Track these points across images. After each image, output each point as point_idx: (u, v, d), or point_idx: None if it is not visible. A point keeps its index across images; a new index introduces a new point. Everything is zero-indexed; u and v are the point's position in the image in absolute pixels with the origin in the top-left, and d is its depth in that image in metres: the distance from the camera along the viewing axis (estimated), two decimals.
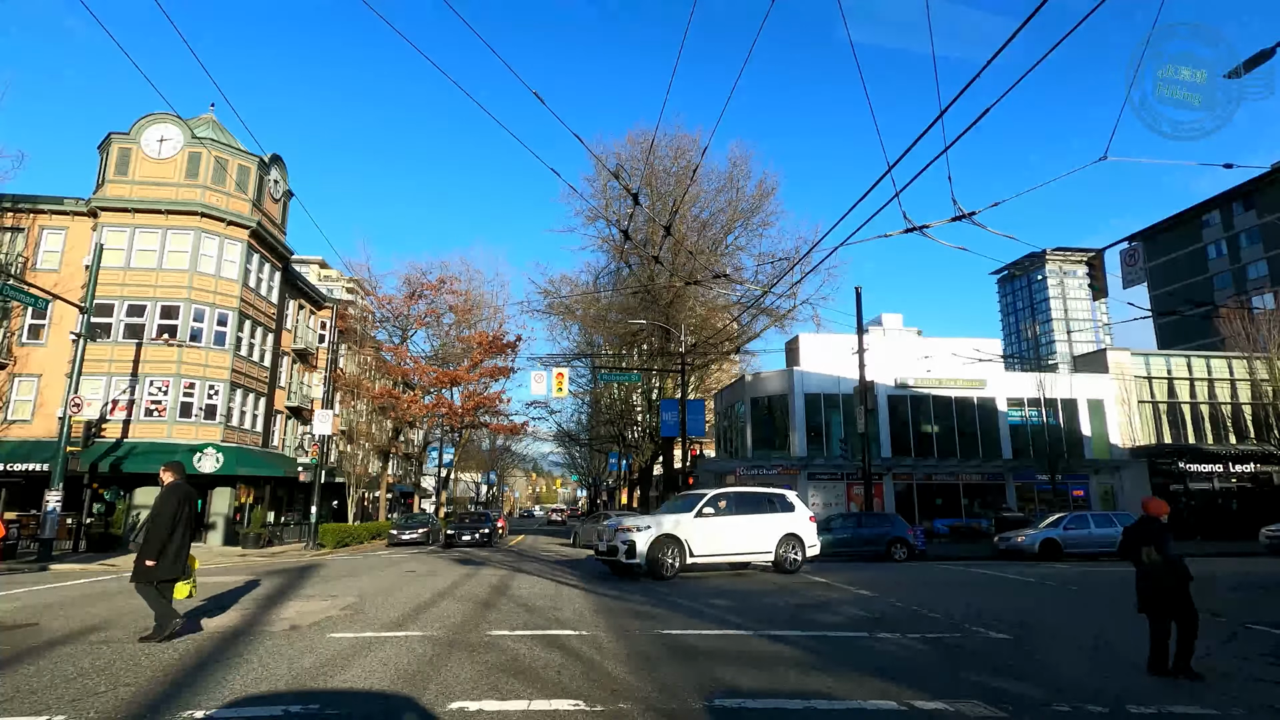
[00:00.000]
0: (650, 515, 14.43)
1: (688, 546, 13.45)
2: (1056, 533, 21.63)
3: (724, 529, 14.12)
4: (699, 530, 13.71)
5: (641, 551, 12.97)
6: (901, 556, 20.52)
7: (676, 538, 13.35)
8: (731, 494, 15.06)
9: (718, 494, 14.75)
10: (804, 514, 15.52)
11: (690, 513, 13.92)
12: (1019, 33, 6.10)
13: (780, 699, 4.96)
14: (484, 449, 61.97)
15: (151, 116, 27.42)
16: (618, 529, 13.57)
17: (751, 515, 14.65)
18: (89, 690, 5.05)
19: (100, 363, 24.79)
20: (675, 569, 13.23)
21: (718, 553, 13.96)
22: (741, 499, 15.02)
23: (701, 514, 13.94)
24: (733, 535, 14.22)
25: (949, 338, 32.68)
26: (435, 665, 5.89)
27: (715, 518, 14.05)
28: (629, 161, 33.21)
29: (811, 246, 28.18)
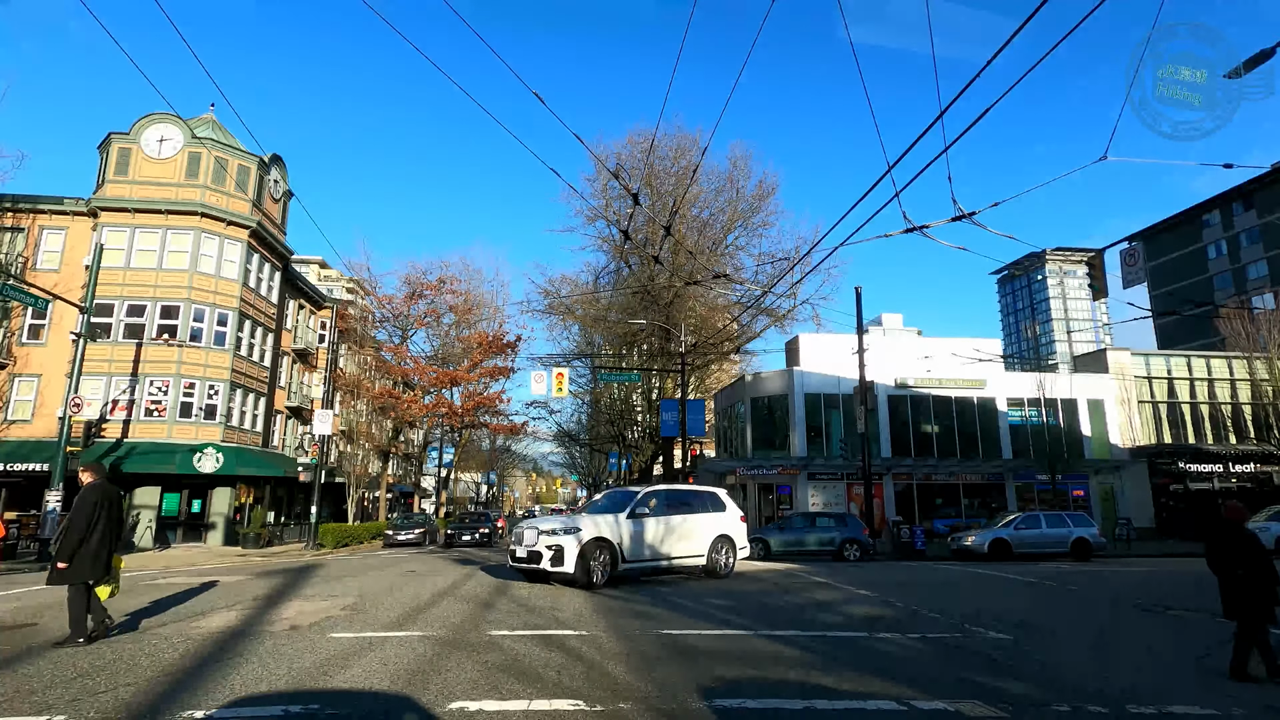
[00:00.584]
0: (575, 515, 12.82)
1: (620, 550, 12.02)
2: (1007, 533, 21.69)
3: (658, 531, 12.87)
4: (632, 532, 12.36)
5: (572, 558, 11.37)
6: (854, 556, 20.75)
7: (609, 541, 11.88)
8: (663, 492, 13.81)
9: (650, 492, 13.47)
10: (735, 513, 14.60)
11: (623, 512, 12.48)
12: (1019, 33, 6.10)
13: (780, 699, 4.96)
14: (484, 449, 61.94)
15: (151, 116, 27.42)
16: (542, 531, 11.81)
17: (685, 515, 13.49)
18: (89, 690, 5.05)
19: (100, 363, 24.79)
20: (605, 577, 11.78)
21: (650, 557, 12.66)
22: (674, 497, 13.83)
23: (635, 514, 12.55)
24: (666, 537, 13.01)
25: (949, 338, 32.67)
26: (435, 665, 5.89)
27: (649, 518, 12.74)
28: (629, 161, 33.20)
29: (811, 246, 28.20)
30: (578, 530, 11.62)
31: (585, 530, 11.66)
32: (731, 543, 14.12)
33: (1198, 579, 14.61)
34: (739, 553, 14.34)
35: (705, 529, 13.67)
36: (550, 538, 11.64)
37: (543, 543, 11.65)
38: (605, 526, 11.98)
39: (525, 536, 12.02)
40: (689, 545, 13.31)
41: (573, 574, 11.32)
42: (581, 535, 11.58)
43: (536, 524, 12.10)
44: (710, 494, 14.58)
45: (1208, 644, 7.34)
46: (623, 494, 13.77)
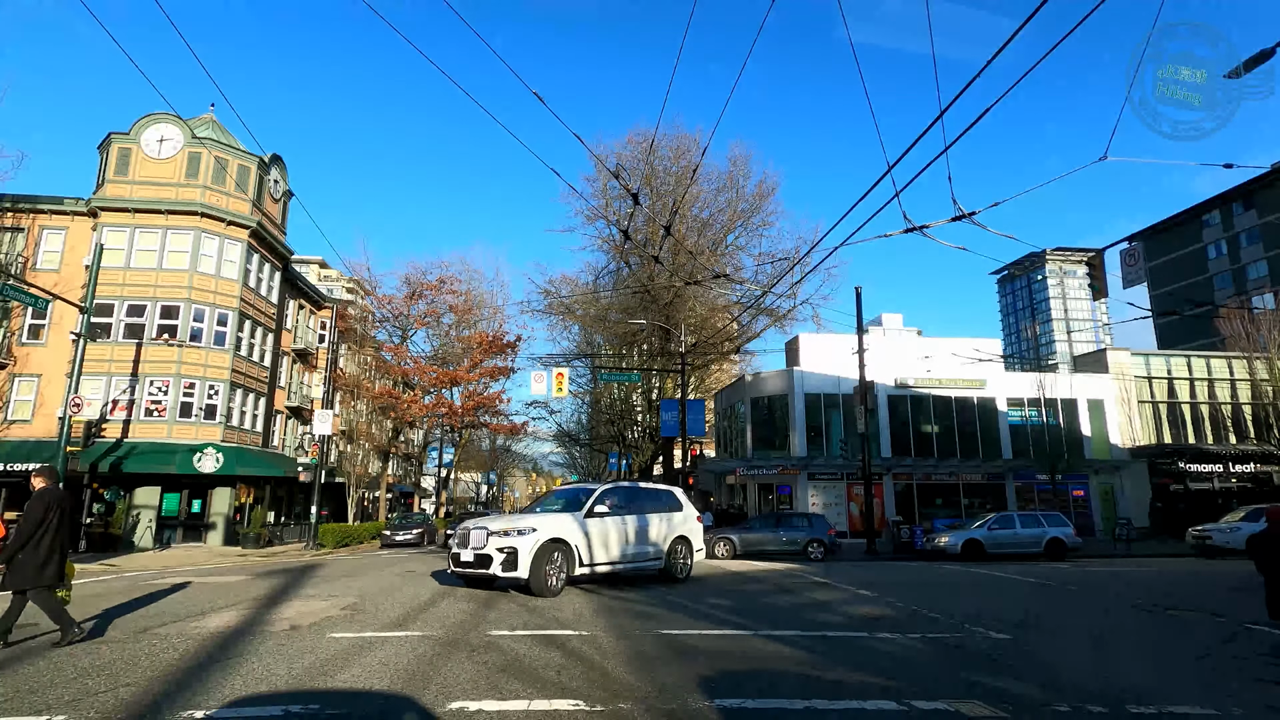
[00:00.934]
0: (525, 514, 11.76)
1: (577, 553, 10.94)
2: (980, 533, 21.63)
3: (617, 531, 11.91)
4: (590, 532, 11.33)
5: (526, 561, 10.20)
6: (817, 556, 20.86)
7: (566, 543, 10.80)
8: (622, 489, 12.93)
9: (607, 489, 12.52)
10: (692, 513, 13.91)
11: (580, 511, 11.46)
12: (1019, 33, 6.10)
13: (780, 699, 4.96)
14: (484, 449, 61.94)
15: (151, 116, 27.43)
16: (491, 532, 10.62)
17: (644, 515, 12.62)
18: (89, 690, 5.05)
19: (100, 363, 24.80)
20: (562, 583, 10.68)
21: (609, 559, 11.66)
22: (633, 495, 12.95)
23: (594, 513, 11.54)
24: (625, 538, 12.08)
25: (949, 338, 32.69)
26: (435, 665, 5.89)
27: (609, 517, 11.76)
28: (629, 161, 33.18)
29: (811, 246, 28.20)
30: (533, 530, 10.49)
31: (541, 530, 10.55)
32: (689, 544, 13.42)
33: (1197, 581, 14.61)
34: (696, 554, 13.67)
35: (664, 529, 12.91)
36: (502, 539, 10.44)
37: (493, 544, 10.44)
38: (562, 526, 10.93)
39: (472, 537, 10.79)
40: (648, 546, 12.50)
41: (527, 579, 10.16)
42: (538, 536, 10.44)
43: (485, 523, 10.90)
44: (668, 492, 13.83)
45: (1207, 644, 7.34)
46: (577, 491, 12.88)
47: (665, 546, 12.77)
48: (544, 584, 10.29)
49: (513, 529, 10.56)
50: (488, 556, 10.47)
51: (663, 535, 12.80)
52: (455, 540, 11.15)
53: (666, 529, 12.93)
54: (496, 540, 10.52)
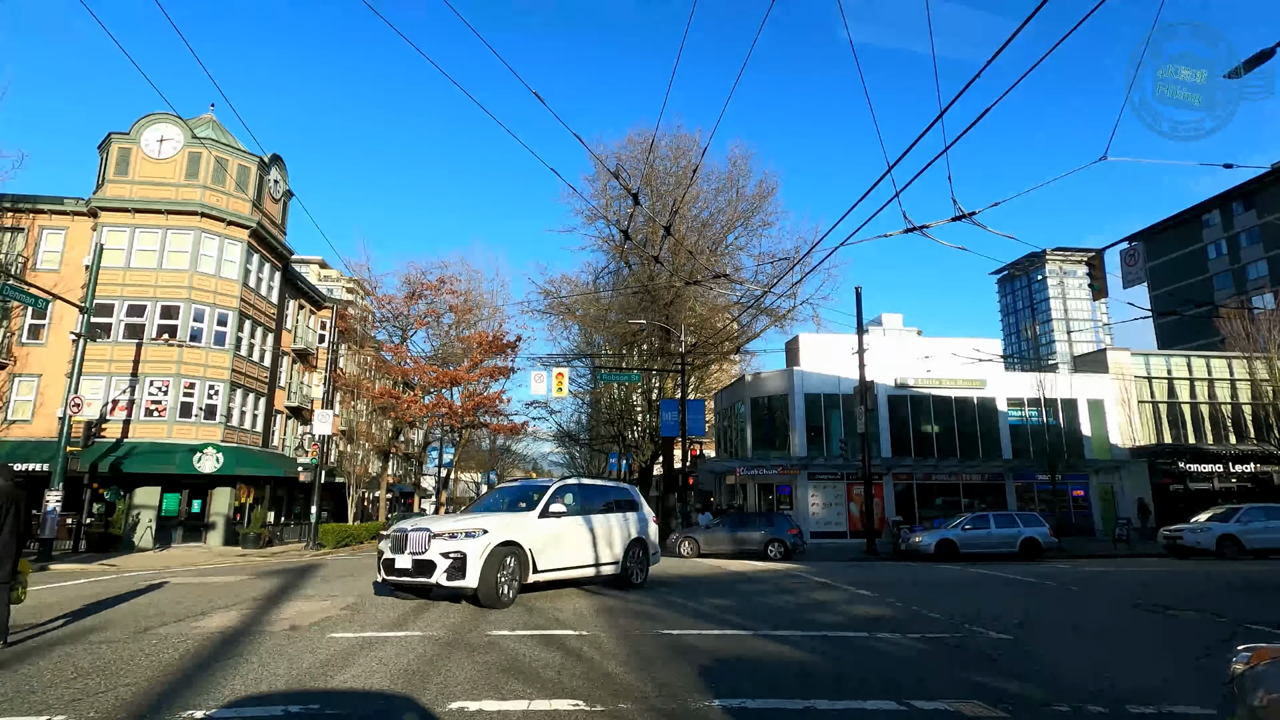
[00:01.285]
0: (472, 514, 10.70)
1: (531, 558, 9.84)
2: (954, 533, 21.71)
3: (574, 533, 10.85)
4: (545, 535, 10.25)
5: (476, 568, 9.03)
6: (776, 555, 20.85)
7: (519, 547, 9.70)
8: (577, 487, 11.88)
9: (563, 486, 11.54)
10: (649, 513, 12.89)
11: (533, 511, 10.39)
12: (1019, 33, 6.10)
13: (780, 699, 4.96)
14: (484, 449, 61.90)
15: (151, 116, 27.43)
16: (434, 534, 9.32)
17: (600, 515, 11.60)
18: (89, 690, 5.05)
19: (100, 363, 24.80)
20: (514, 592, 9.57)
21: (565, 565, 10.59)
22: (589, 494, 11.92)
23: (548, 513, 10.47)
24: (583, 541, 11.00)
25: (949, 338, 32.70)
26: (435, 665, 5.89)
27: (565, 518, 10.72)
28: (629, 161, 33.20)
29: (811, 246, 28.19)
30: (483, 532, 9.30)
31: (493, 532, 9.38)
32: (646, 548, 12.42)
33: (1197, 581, 14.60)
34: (652, 558, 12.69)
35: (621, 532, 11.87)
36: (448, 542, 9.18)
37: (436, 549, 9.16)
38: (515, 528, 9.83)
39: (411, 540, 9.38)
40: (605, 550, 11.41)
41: (476, 588, 9.03)
42: (489, 539, 9.26)
43: (427, 525, 9.61)
44: (624, 490, 12.94)
45: (1207, 644, 7.34)
46: (527, 488, 11.83)
47: (622, 550, 11.76)
48: (495, 594, 9.15)
49: (460, 530, 9.32)
50: (429, 563, 9.13)
51: (620, 537, 11.81)
52: (388, 544, 9.68)
53: (624, 530, 11.94)
54: (440, 544, 9.19)
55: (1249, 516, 21.03)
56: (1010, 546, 21.38)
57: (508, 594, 9.38)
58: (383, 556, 9.72)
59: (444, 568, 9.06)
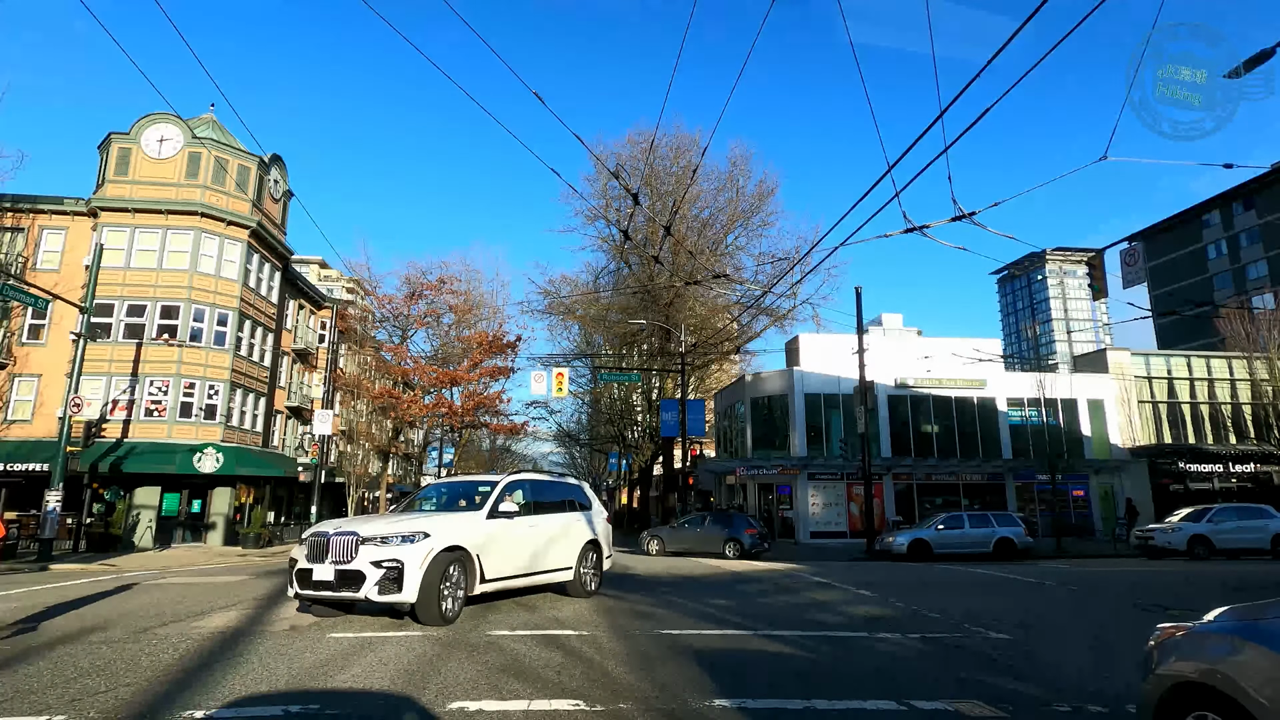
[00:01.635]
0: (409, 514, 9.23)
1: (479, 565, 8.47)
2: (928, 533, 21.79)
3: (527, 536, 9.50)
4: (494, 538, 8.86)
5: (415, 578, 7.57)
6: (733, 555, 21.05)
7: (466, 552, 8.28)
8: (528, 482, 10.41)
9: (514, 481, 10.02)
10: (602, 513, 11.70)
11: (481, 510, 9.00)
12: (1019, 33, 6.11)
13: (780, 698, 4.96)
14: (484, 449, 61.92)
15: (151, 116, 27.43)
16: (364, 539, 7.76)
17: (554, 515, 10.33)
18: (89, 690, 5.05)
19: (100, 363, 24.79)
20: (459, 605, 8.15)
21: (515, 572, 9.25)
22: (541, 490, 10.60)
23: (498, 513, 9.08)
24: (536, 545, 9.66)
25: (949, 338, 32.70)
26: (435, 665, 5.89)
27: (519, 518, 9.39)
28: (629, 161, 33.23)
29: (811, 246, 28.24)
30: (424, 536, 7.83)
31: (436, 535, 7.92)
32: (600, 551, 11.16)
33: (1197, 582, 14.60)
34: (606, 562, 11.43)
35: (576, 533, 10.61)
36: (380, 549, 7.67)
37: (366, 556, 7.63)
38: (461, 531, 8.40)
39: (334, 546, 7.78)
40: (559, 555, 10.11)
41: (415, 603, 7.61)
42: (431, 544, 7.80)
43: (354, 527, 7.99)
44: (577, 487, 11.69)
45: None
46: (471, 485, 10.35)
47: (576, 553, 10.45)
48: (437, 608, 7.72)
49: (395, 534, 7.81)
50: (356, 574, 7.57)
51: (575, 539, 10.54)
52: (304, 550, 8.04)
53: (579, 533, 10.66)
54: (371, 550, 7.65)
55: (1220, 517, 21.03)
56: (984, 547, 21.48)
57: (452, 608, 7.97)
58: (296, 566, 8.01)
59: (375, 579, 7.50)
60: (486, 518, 8.93)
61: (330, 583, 7.69)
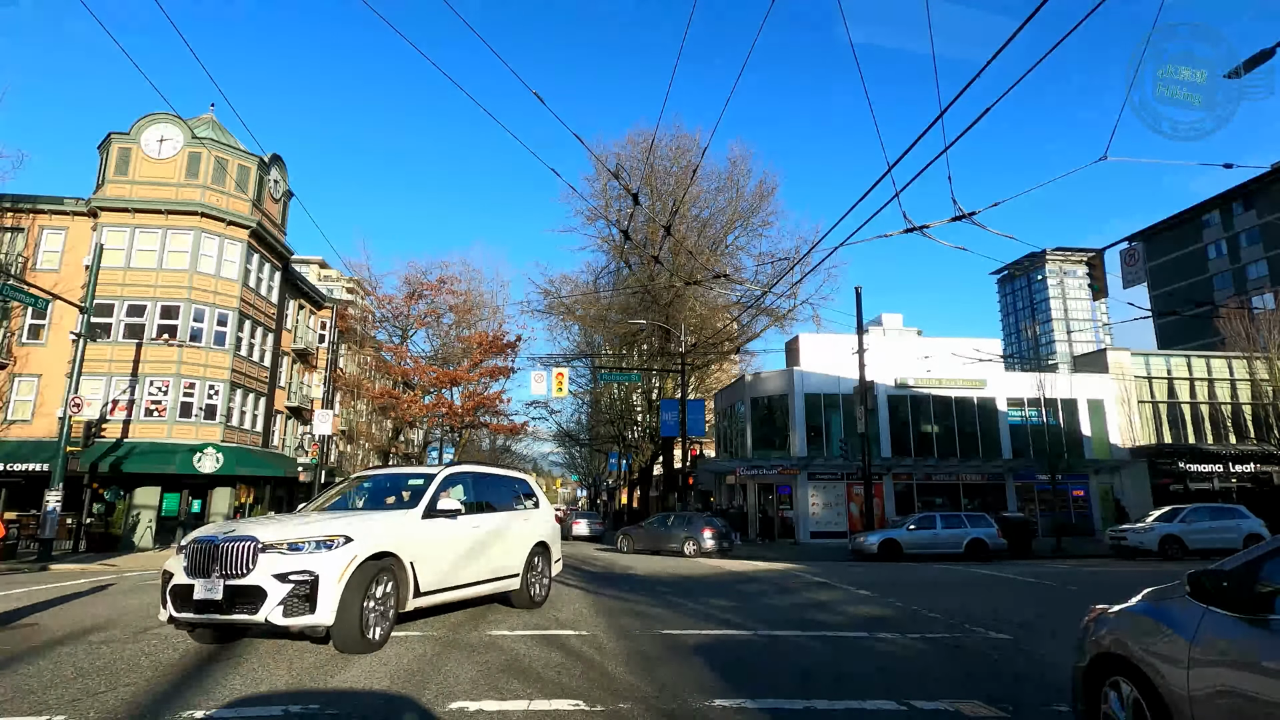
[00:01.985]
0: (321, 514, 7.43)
1: (413, 575, 7.04)
2: (899, 533, 21.93)
3: (468, 538, 8.07)
4: (432, 542, 7.43)
5: (333, 596, 6.06)
6: (690, 553, 21.87)
7: (397, 560, 6.85)
8: (469, 476, 9.00)
9: (454, 474, 8.58)
10: (549, 510, 10.46)
11: (415, 509, 7.54)
12: (1019, 33, 6.11)
13: (780, 698, 4.96)
14: (484, 449, 61.96)
15: (151, 116, 27.43)
16: (265, 546, 6.19)
17: (499, 514, 8.95)
18: (89, 690, 5.05)
19: (100, 363, 24.80)
20: (388, 626, 6.69)
21: (456, 582, 7.81)
22: (484, 485, 9.18)
23: (436, 512, 7.62)
24: (479, 549, 8.26)
25: (949, 338, 32.71)
26: (435, 665, 5.89)
27: (460, 518, 7.90)
28: (629, 161, 33.26)
29: (811, 246, 28.26)
30: (345, 542, 6.33)
31: (360, 540, 6.42)
32: (549, 555, 9.86)
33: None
34: (554, 567, 10.16)
35: (523, 534, 9.26)
36: (287, 558, 6.09)
37: (268, 568, 6.01)
38: (391, 534, 6.91)
39: (225, 555, 6.09)
40: (504, 559, 8.73)
41: (332, 625, 6.03)
42: (353, 550, 6.30)
43: (251, 530, 6.30)
44: (522, 481, 10.32)
45: None
46: (404, 477, 8.92)
47: (523, 557, 9.11)
48: (358, 632, 6.16)
49: (307, 538, 6.25)
50: (253, 590, 5.93)
51: (522, 541, 9.20)
52: (182, 561, 6.34)
53: (525, 535, 9.31)
54: (275, 560, 6.06)
55: (1193, 517, 21.07)
56: (957, 547, 21.58)
57: (377, 632, 6.48)
58: (171, 581, 6.27)
59: (279, 597, 5.89)
60: (422, 517, 7.50)
61: (217, 602, 5.98)
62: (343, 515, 7.24)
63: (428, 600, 7.41)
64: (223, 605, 6.02)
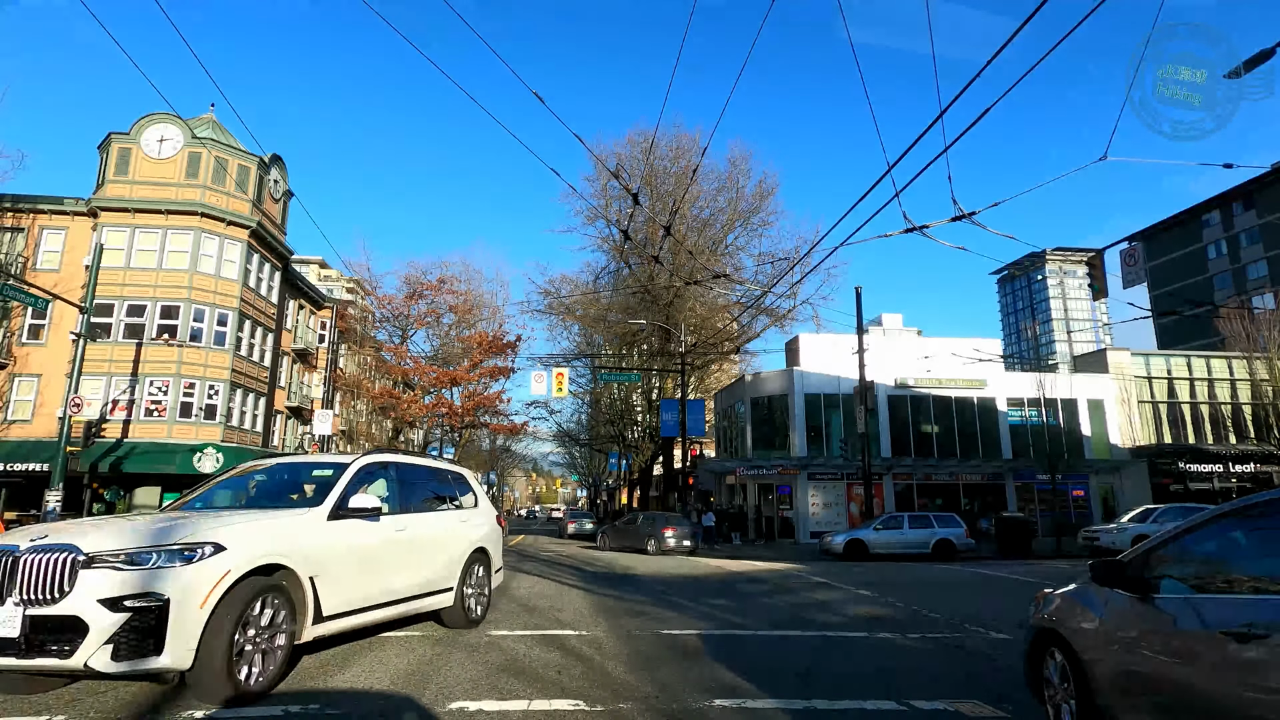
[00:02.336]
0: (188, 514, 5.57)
1: (313, 593, 5.41)
2: (865, 533, 22.12)
3: (392, 546, 6.49)
4: (343, 551, 5.85)
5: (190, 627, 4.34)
6: (652, 550, 22.84)
7: (291, 575, 5.22)
8: (393, 468, 7.14)
9: (371, 465, 6.81)
10: (490, 511, 8.69)
11: (319, 507, 5.88)
12: (1019, 33, 6.11)
13: (781, 698, 4.96)
14: (484, 449, 61.97)
15: (151, 116, 27.43)
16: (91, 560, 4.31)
17: (430, 515, 7.31)
18: (89, 690, 5.04)
19: (100, 363, 24.79)
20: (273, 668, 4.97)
21: (373, 600, 6.18)
22: (411, 479, 7.37)
23: (346, 511, 6.01)
24: (403, 559, 6.65)
25: (949, 338, 32.71)
26: (435, 665, 5.88)
27: (387, 519, 6.43)
28: (629, 161, 33.26)
29: (811, 246, 28.26)
30: (215, 551, 4.63)
31: (236, 550, 4.75)
32: (489, 562, 8.25)
33: None
34: (495, 576, 8.48)
35: (459, 539, 7.61)
36: (119, 575, 4.32)
37: (90, 591, 4.24)
38: (280, 540, 5.26)
39: (26, 574, 4.28)
40: (435, 571, 7.06)
41: (189, 669, 4.40)
42: (226, 564, 4.64)
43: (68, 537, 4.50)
44: (459, 475, 8.50)
45: None
46: (306, 467, 7.10)
47: (459, 567, 7.46)
48: (227, 675, 4.50)
49: (155, 548, 4.51)
50: (68, 622, 4.20)
51: (456, 548, 7.51)
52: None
53: (462, 537, 7.69)
54: (102, 579, 4.29)
55: (1166, 517, 21.20)
56: (924, 547, 21.72)
57: (258, 678, 4.77)
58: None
59: (107, 632, 4.17)
60: (329, 519, 5.77)
61: (13, 641, 4.15)
62: (214, 516, 5.36)
63: (335, 626, 5.71)
64: (21, 646, 4.14)
